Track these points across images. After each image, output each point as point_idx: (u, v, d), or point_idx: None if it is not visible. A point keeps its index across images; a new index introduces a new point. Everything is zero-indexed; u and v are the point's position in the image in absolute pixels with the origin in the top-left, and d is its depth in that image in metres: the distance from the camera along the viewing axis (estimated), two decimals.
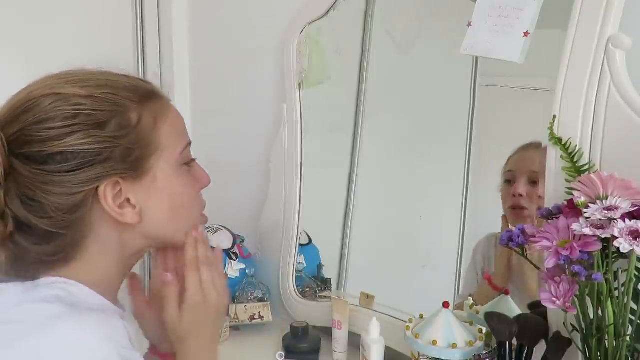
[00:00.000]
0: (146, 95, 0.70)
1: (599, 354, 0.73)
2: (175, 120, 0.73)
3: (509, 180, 1.04)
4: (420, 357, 0.90)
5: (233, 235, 1.43)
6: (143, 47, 1.65)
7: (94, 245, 0.67)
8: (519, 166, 1.02)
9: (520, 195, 1.00)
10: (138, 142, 0.67)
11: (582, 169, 0.79)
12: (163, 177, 0.69)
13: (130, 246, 0.71)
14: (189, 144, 0.74)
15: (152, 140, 0.68)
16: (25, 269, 0.65)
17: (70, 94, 0.64)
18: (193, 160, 0.76)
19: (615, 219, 0.67)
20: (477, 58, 1.07)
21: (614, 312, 0.71)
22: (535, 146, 0.98)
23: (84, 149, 0.63)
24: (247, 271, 1.38)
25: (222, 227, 1.44)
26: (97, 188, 0.64)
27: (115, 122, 0.65)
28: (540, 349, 0.84)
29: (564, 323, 0.79)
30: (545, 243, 0.72)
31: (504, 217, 1.04)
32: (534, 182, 0.98)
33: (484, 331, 0.90)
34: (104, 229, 0.67)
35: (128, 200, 0.67)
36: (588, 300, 0.73)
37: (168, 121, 0.71)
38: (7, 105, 0.65)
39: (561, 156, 0.82)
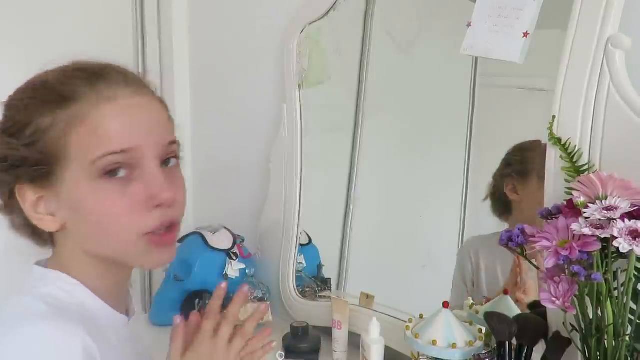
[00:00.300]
0: (65, 98, 0.63)
1: (598, 353, 0.73)
2: (95, 127, 0.62)
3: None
4: (420, 357, 0.90)
5: (233, 235, 1.43)
6: (143, 47, 1.65)
7: (62, 237, 0.69)
8: None
9: None
10: (44, 149, 0.63)
11: (582, 169, 0.79)
12: (78, 188, 0.63)
13: (86, 248, 0.69)
14: (112, 152, 0.63)
15: (58, 148, 0.63)
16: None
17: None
18: (116, 171, 0.64)
19: (615, 219, 0.67)
20: (477, 58, 1.07)
21: (613, 312, 0.71)
22: (536, 146, 0.97)
23: None
24: (247, 271, 1.38)
25: (222, 227, 1.44)
26: (12, 192, 0.66)
27: (28, 129, 0.63)
28: (539, 348, 0.84)
29: (563, 323, 0.79)
30: (544, 243, 0.72)
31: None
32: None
33: (483, 331, 0.90)
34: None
35: (46, 208, 0.66)
36: (587, 300, 0.73)
37: (83, 128, 0.62)
38: None
39: (560, 156, 0.82)
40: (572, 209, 0.73)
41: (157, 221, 0.65)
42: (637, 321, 0.71)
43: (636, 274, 0.71)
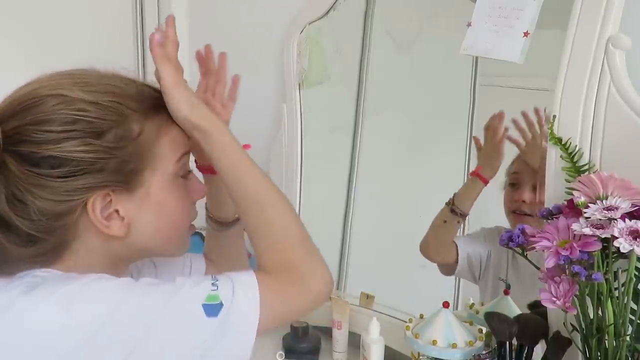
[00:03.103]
0: (153, 107, 0.67)
1: (598, 353, 0.73)
2: (175, 135, 0.69)
3: (514, 183, 1.03)
4: (420, 357, 0.90)
5: None
6: (143, 47, 1.65)
7: (81, 253, 0.65)
8: (524, 169, 1.02)
9: (524, 202, 1.00)
10: (135, 154, 0.64)
11: (582, 169, 0.79)
12: (156, 190, 0.66)
13: (119, 256, 0.68)
14: (186, 153, 0.71)
15: (149, 153, 0.65)
16: (6, 265, 0.63)
17: (75, 98, 0.61)
18: (190, 171, 0.73)
19: (615, 219, 0.67)
20: (477, 58, 1.07)
21: (614, 312, 0.71)
22: None
23: (78, 157, 0.60)
24: None
25: None
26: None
27: (115, 132, 0.62)
28: (540, 349, 0.84)
29: (564, 323, 0.79)
30: (545, 243, 0.72)
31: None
32: (538, 186, 0.97)
33: (483, 331, 0.90)
34: (90, 237, 0.64)
35: (117, 211, 0.64)
36: (588, 300, 0.73)
37: (170, 133, 0.68)
38: (10, 99, 0.63)
39: (561, 156, 0.82)
40: (573, 209, 0.73)
41: (196, 214, 0.74)
42: (638, 321, 0.71)
43: (637, 273, 0.71)
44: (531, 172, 1.00)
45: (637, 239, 0.65)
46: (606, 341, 0.72)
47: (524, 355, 0.84)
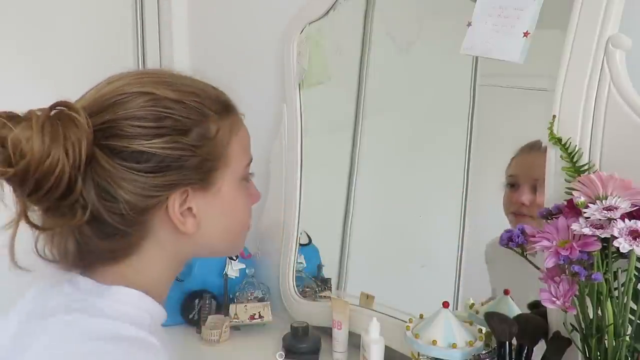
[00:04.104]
0: (226, 108, 0.70)
1: (598, 353, 0.73)
2: (245, 135, 0.73)
3: (512, 184, 1.03)
4: (420, 357, 0.90)
5: None
6: (143, 47, 1.65)
7: (152, 249, 0.66)
8: (521, 171, 1.01)
9: (523, 204, 0.99)
10: (212, 153, 0.67)
11: (582, 169, 0.79)
12: (227, 190, 0.69)
13: (183, 253, 0.70)
14: (251, 159, 0.75)
15: (223, 153, 0.68)
16: (82, 259, 0.64)
17: (162, 96, 0.63)
18: (251, 174, 0.77)
19: (615, 219, 0.67)
20: (477, 58, 1.07)
21: (613, 312, 0.71)
22: (538, 147, 0.97)
23: (166, 153, 0.62)
24: (247, 271, 1.38)
25: None
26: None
27: (197, 131, 0.65)
28: (540, 349, 0.84)
29: (563, 323, 0.79)
30: (545, 243, 0.72)
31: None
32: (537, 188, 0.97)
33: (483, 331, 0.90)
34: (163, 233, 0.66)
35: (190, 209, 0.66)
36: (588, 300, 0.73)
37: (239, 136, 0.71)
38: (95, 94, 0.64)
39: (561, 156, 0.82)
40: (573, 209, 0.73)
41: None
42: (638, 321, 0.71)
43: (636, 273, 0.71)
44: (529, 173, 0.99)
45: (637, 239, 0.65)
46: (606, 341, 0.72)
47: (524, 355, 0.84)
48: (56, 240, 0.63)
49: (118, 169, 0.60)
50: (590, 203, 0.71)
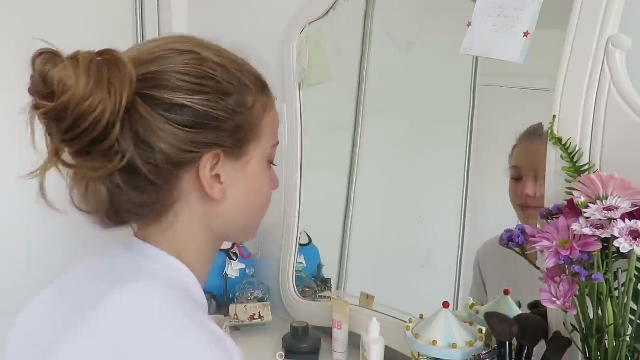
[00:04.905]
0: (262, 86, 0.72)
1: (598, 354, 0.73)
2: (276, 118, 0.75)
3: (515, 177, 1.02)
4: (420, 357, 0.90)
5: None
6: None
7: (183, 213, 0.67)
8: (523, 163, 1.00)
9: (528, 195, 0.98)
10: (248, 124, 0.68)
11: (582, 169, 0.79)
12: (254, 165, 0.70)
13: (213, 225, 0.70)
14: (278, 143, 0.76)
15: (257, 127, 0.70)
16: (115, 212, 0.64)
17: (207, 57, 0.65)
18: (274, 163, 0.77)
19: (615, 219, 0.67)
20: (477, 58, 1.07)
21: (614, 312, 0.71)
22: (538, 133, 0.95)
23: (206, 110, 0.63)
24: (247, 271, 1.38)
25: None
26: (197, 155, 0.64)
27: (236, 97, 0.66)
28: (540, 349, 0.84)
29: (564, 323, 0.79)
30: (545, 243, 0.72)
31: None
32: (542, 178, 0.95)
33: (484, 331, 0.90)
34: (192, 197, 0.67)
35: (218, 176, 0.67)
36: (588, 300, 0.73)
37: (271, 116, 0.73)
38: (140, 48, 0.65)
39: (561, 156, 0.82)
40: (573, 209, 0.73)
41: None
42: (638, 321, 0.71)
43: (637, 274, 0.71)
44: (531, 164, 0.98)
45: (637, 239, 0.65)
46: (606, 341, 0.72)
47: (524, 355, 0.84)
48: (91, 190, 0.62)
49: (157, 119, 0.61)
50: (590, 203, 0.71)
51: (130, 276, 0.63)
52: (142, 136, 0.61)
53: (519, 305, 0.97)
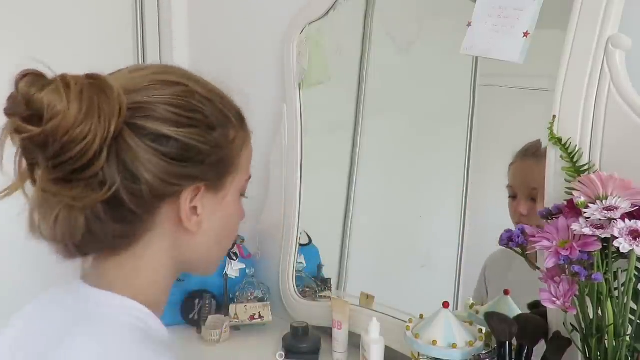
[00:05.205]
0: (242, 120, 0.72)
1: (598, 353, 0.73)
2: (251, 152, 0.75)
3: (512, 196, 1.02)
4: (420, 357, 0.90)
5: None
6: (143, 47, 1.65)
7: (154, 243, 0.66)
8: (517, 182, 1.01)
9: (522, 215, 0.99)
10: (229, 158, 0.68)
11: (582, 169, 0.79)
12: (230, 199, 0.71)
13: (179, 256, 0.69)
14: (250, 177, 0.76)
15: (236, 161, 0.70)
16: (87, 243, 0.62)
17: (195, 91, 0.65)
18: (245, 196, 0.77)
19: (615, 219, 0.67)
20: (477, 58, 1.07)
21: (613, 312, 0.71)
22: (533, 152, 0.96)
23: (192, 144, 0.62)
24: (247, 271, 1.38)
25: None
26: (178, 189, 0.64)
27: (221, 131, 0.66)
28: (540, 349, 0.84)
29: (563, 323, 0.79)
30: (545, 243, 0.72)
31: None
32: (535, 198, 0.96)
33: (483, 331, 0.90)
34: (167, 228, 0.66)
35: (195, 209, 0.66)
36: (588, 300, 0.73)
37: (248, 150, 0.73)
38: (129, 76, 0.64)
39: (561, 156, 0.82)
40: (573, 209, 0.73)
41: None
42: (638, 321, 0.71)
43: (636, 273, 0.71)
44: (524, 183, 0.99)
45: (637, 239, 0.65)
46: (606, 341, 0.72)
47: (524, 355, 0.84)
48: (63, 218, 0.59)
49: (144, 149, 0.60)
50: (590, 203, 0.71)
51: (81, 330, 0.61)
52: (127, 166, 0.59)
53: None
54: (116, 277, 0.65)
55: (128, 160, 0.59)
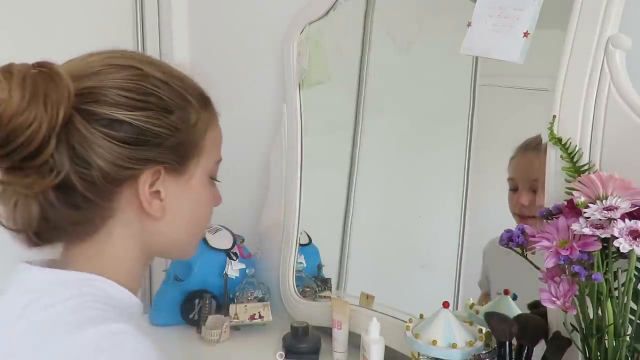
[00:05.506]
0: (205, 102, 0.72)
1: (598, 353, 0.73)
2: (219, 134, 0.75)
3: (513, 188, 1.03)
4: (420, 357, 0.90)
5: (233, 235, 1.43)
6: (143, 47, 1.65)
7: (117, 229, 0.66)
8: (519, 175, 1.01)
9: (524, 205, 0.99)
10: (190, 140, 0.68)
11: (582, 169, 0.80)
12: (196, 182, 0.70)
13: (148, 241, 0.69)
14: (220, 160, 0.76)
15: (199, 143, 0.70)
16: (46, 230, 0.63)
17: (149, 74, 0.65)
18: (217, 179, 0.77)
19: (615, 219, 0.67)
20: (477, 58, 1.07)
21: (613, 312, 0.71)
22: (533, 146, 0.97)
23: (147, 127, 0.62)
24: (247, 271, 1.38)
25: (222, 227, 1.44)
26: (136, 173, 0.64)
27: (179, 114, 0.66)
28: (540, 349, 0.84)
29: (563, 323, 0.79)
30: (545, 243, 0.72)
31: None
32: (537, 189, 0.97)
33: (483, 331, 0.90)
34: (129, 214, 0.66)
35: (158, 192, 0.66)
36: (588, 300, 0.73)
37: (214, 132, 0.73)
38: (79, 63, 0.64)
39: (561, 156, 0.82)
40: (573, 209, 0.73)
41: None
42: (638, 321, 0.71)
43: (636, 273, 0.71)
44: (526, 175, 1.00)
45: (637, 239, 0.65)
46: (606, 341, 0.72)
47: (524, 355, 0.84)
48: (20, 207, 0.60)
49: (95, 134, 0.60)
50: (590, 203, 0.71)
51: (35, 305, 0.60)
52: (78, 152, 0.59)
53: (514, 298, 0.97)
54: (79, 263, 0.65)
55: (78, 146, 0.59)
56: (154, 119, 0.63)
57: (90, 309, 0.60)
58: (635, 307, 0.71)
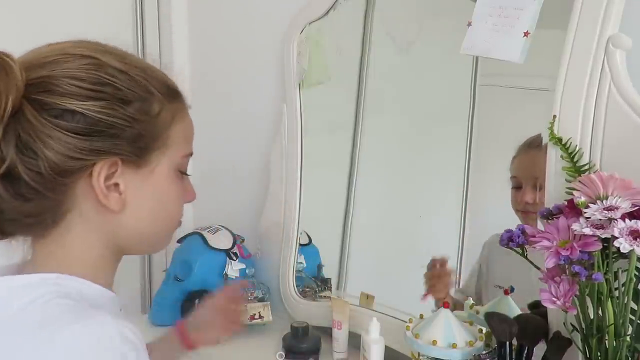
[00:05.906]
0: (172, 94, 0.70)
1: (599, 353, 0.73)
2: (188, 127, 0.73)
3: (515, 186, 1.03)
4: (420, 357, 0.90)
5: (233, 235, 1.43)
6: (143, 47, 1.65)
7: (77, 223, 0.64)
8: (522, 173, 1.01)
9: (527, 202, 0.99)
10: (151, 132, 0.66)
11: (582, 168, 0.79)
12: (160, 175, 0.68)
13: (113, 236, 0.68)
14: (191, 154, 0.74)
15: (162, 135, 0.68)
16: (4, 222, 0.62)
17: (106, 63, 0.63)
18: (187, 174, 0.75)
19: (616, 219, 0.67)
20: (477, 58, 1.07)
21: (614, 312, 0.71)
22: (536, 144, 0.97)
23: (100, 117, 0.61)
24: (247, 271, 1.38)
25: (222, 227, 1.44)
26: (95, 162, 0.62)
27: (138, 105, 0.64)
28: (540, 349, 0.84)
29: (564, 323, 0.79)
30: (545, 243, 0.72)
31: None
32: (540, 186, 0.97)
33: (484, 331, 0.90)
34: (86, 206, 0.64)
35: (117, 185, 0.65)
36: (588, 300, 0.73)
37: (182, 124, 0.71)
38: (37, 52, 0.64)
39: (561, 156, 0.82)
40: (573, 209, 0.73)
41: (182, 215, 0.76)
42: (638, 321, 0.71)
43: (637, 274, 0.71)
44: (529, 173, 1.00)
45: (637, 239, 0.65)
46: (606, 341, 0.72)
47: (524, 355, 0.84)
48: None
49: (44, 124, 0.59)
50: (590, 203, 0.71)
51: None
52: (25, 142, 0.58)
53: (512, 290, 0.97)
54: (43, 260, 0.64)
55: (26, 136, 0.59)
56: (108, 109, 0.61)
57: (56, 306, 0.59)
58: (635, 307, 0.71)
